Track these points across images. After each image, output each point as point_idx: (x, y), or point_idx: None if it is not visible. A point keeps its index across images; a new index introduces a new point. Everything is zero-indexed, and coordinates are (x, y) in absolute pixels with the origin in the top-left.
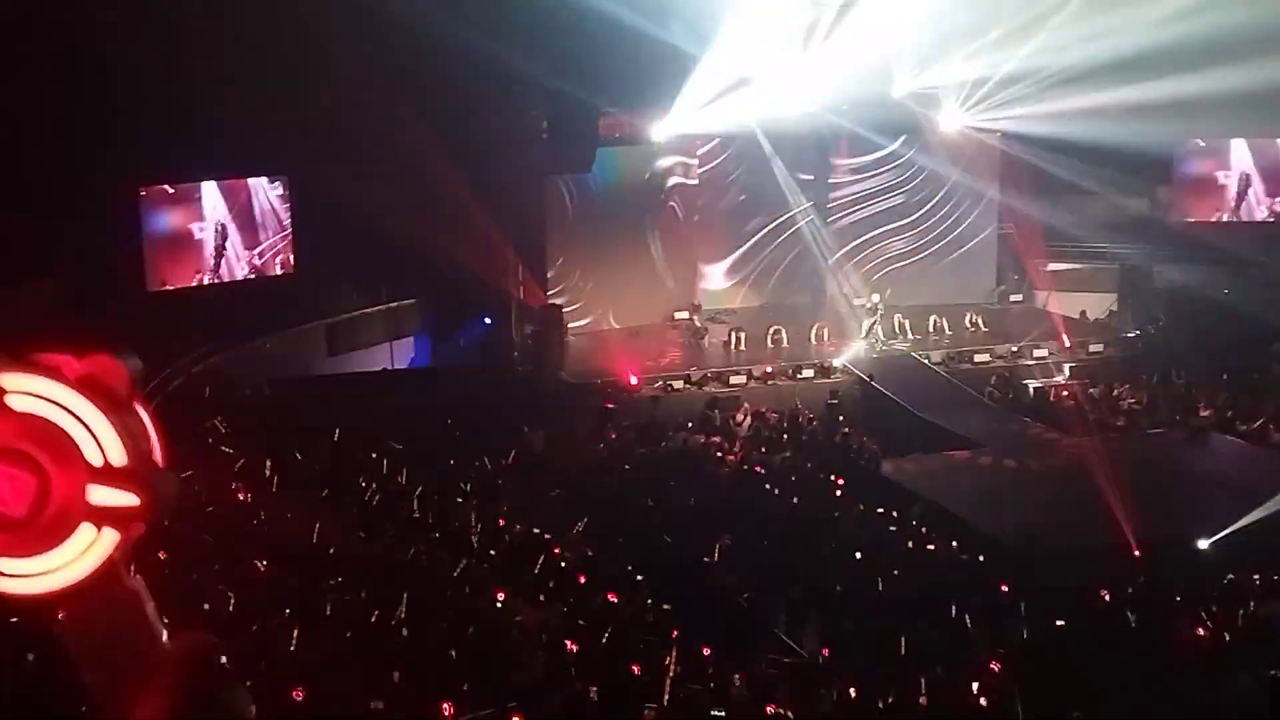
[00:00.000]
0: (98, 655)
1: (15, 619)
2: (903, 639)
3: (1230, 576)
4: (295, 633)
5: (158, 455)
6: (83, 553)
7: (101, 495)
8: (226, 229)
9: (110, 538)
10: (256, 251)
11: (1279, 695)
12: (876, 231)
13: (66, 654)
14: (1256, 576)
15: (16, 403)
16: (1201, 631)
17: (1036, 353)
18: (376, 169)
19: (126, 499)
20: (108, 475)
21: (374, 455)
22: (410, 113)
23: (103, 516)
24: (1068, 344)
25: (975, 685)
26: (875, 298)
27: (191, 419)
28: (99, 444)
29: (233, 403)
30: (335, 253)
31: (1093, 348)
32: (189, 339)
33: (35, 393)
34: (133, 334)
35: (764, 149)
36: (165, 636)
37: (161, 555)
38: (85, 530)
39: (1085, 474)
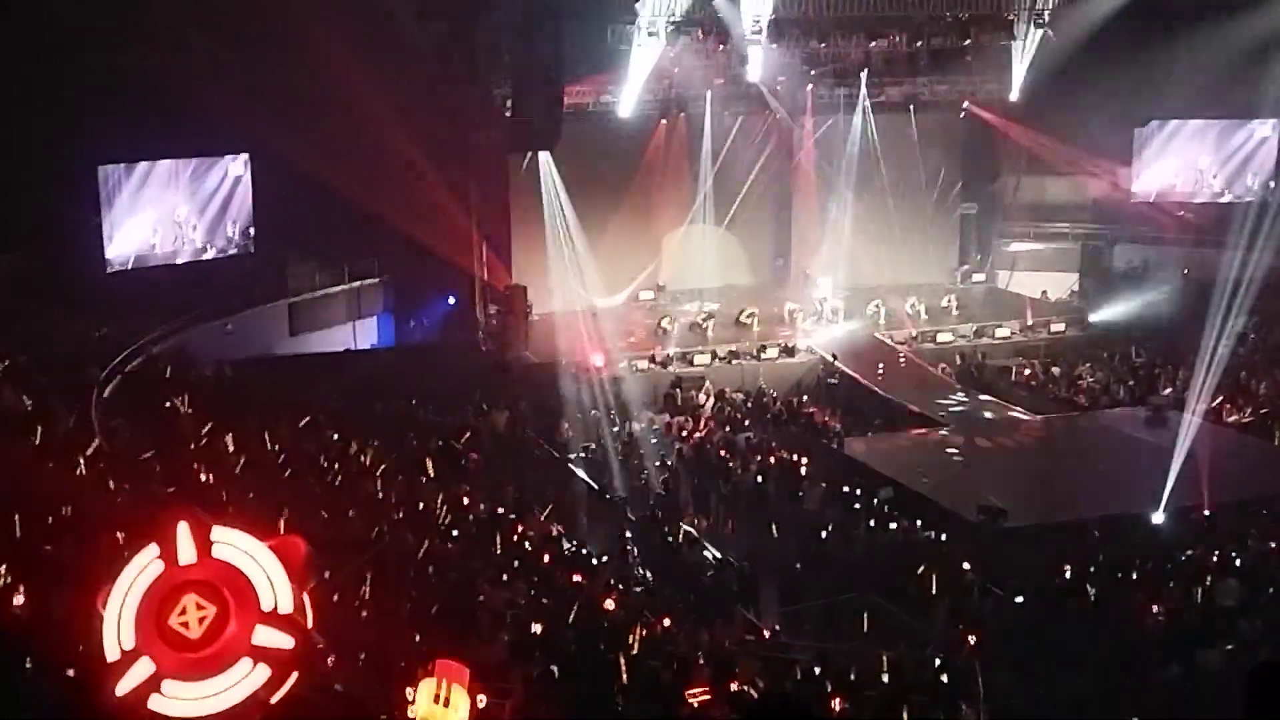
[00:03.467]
0: None
1: None
2: (865, 615)
3: (1189, 553)
4: None
5: (310, 622)
6: (237, 683)
7: (265, 636)
8: (187, 207)
9: (262, 673)
10: (217, 230)
11: (1257, 687)
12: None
13: None
14: (1216, 554)
15: (220, 551)
16: (1157, 608)
17: (999, 332)
18: (340, 148)
19: (284, 640)
20: (274, 619)
21: (336, 435)
22: (374, 91)
23: (262, 655)
24: (1029, 322)
25: (937, 661)
26: (816, 275)
27: (152, 398)
28: (274, 592)
29: (194, 382)
30: (297, 232)
31: (1055, 327)
32: (150, 318)
33: (236, 544)
34: (93, 312)
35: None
36: None
37: (120, 535)
38: (244, 664)
39: (1046, 452)
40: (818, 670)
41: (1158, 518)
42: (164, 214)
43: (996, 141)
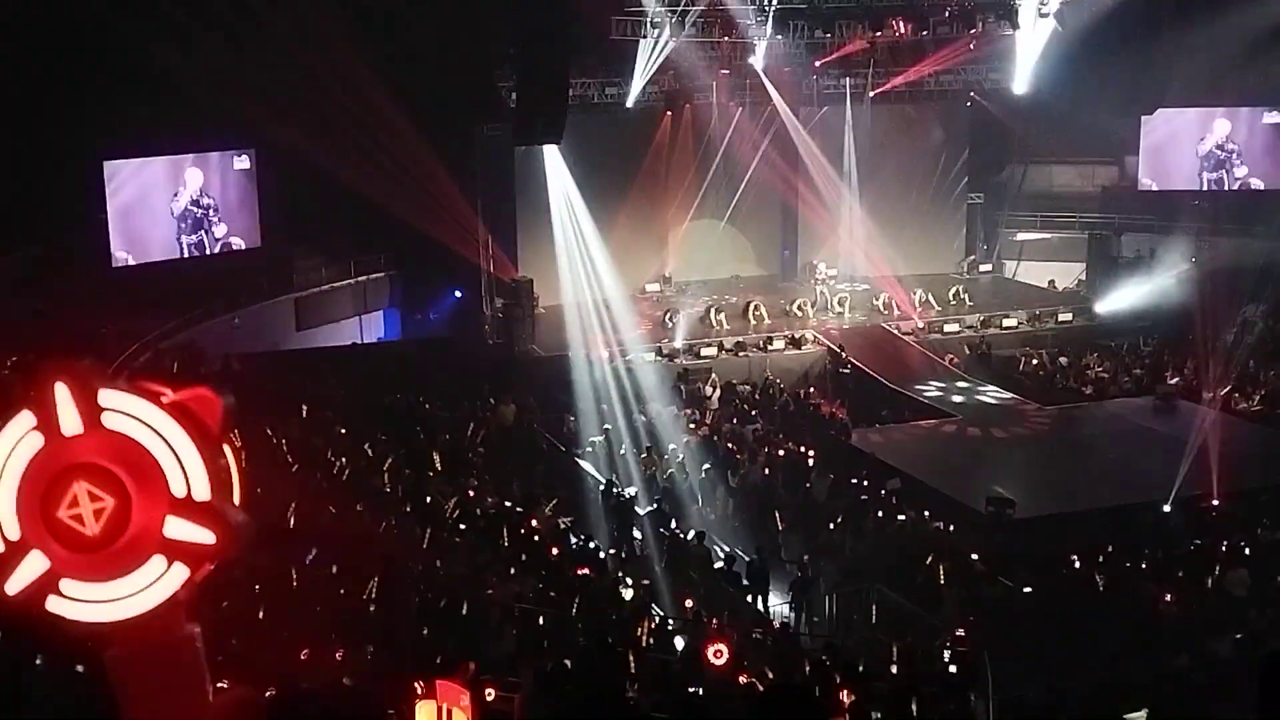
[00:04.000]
0: (144, 697)
1: (67, 646)
2: (873, 606)
3: (1198, 542)
4: (263, 608)
5: (237, 495)
6: (150, 585)
7: (178, 528)
8: (193, 202)
9: (179, 574)
10: (224, 225)
11: (1267, 676)
12: (846, 198)
13: (112, 689)
14: (1225, 543)
15: (112, 421)
16: (1167, 597)
17: (1006, 322)
18: (346, 143)
19: (203, 535)
20: (188, 508)
21: (343, 429)
22: (380, 86)
23: (176, 550)
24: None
25: (946, 652)
26: (822, 267)
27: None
28: (185, 475)
29: (200, 377)
30: (304, 227)
31: (1062, 316)
32: (156, 313)
33: (132, 413)
34: (98, 308)
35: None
36: (211, 691)
37: None
38: (156, 562)
39: (1054, 442)
40: (826, 661)
41: (1167, 507)
42: (170, 209)
43: (1002, 131)
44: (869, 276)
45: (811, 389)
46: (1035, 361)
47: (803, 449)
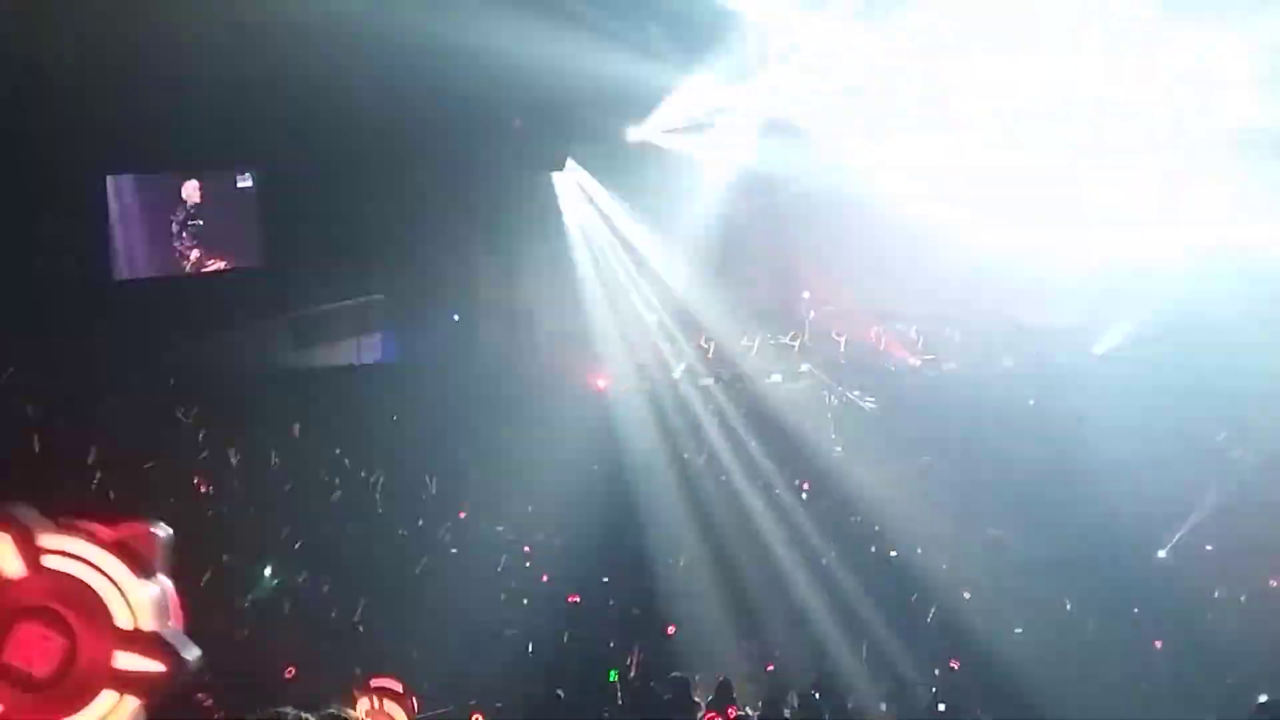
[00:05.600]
0: None
1: None
2: (864, 643)
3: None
4: (250, 628)
5: (178, 623)
6: (103, 718)
7: (128, 661)
8: (194, 221)
9: (130, 705)
10: (223, 244)
11: None
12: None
13: None
14: (1215, 593)
15: (52, 562)
16: (1158, 644)
17: (1005, 362)
18: (346, 163)
19: (152, 665)
20: (136, 640)
21: (338, 451)
22: (380, 104)
23: (127, 683)
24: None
25: (934, 690)
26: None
27: (156, 411)
28: (130, 607)
29: (197, 395)
30: (303, 247)
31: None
32: (155, 330)
33: (71, 552)
34: (98, 325)
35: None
36: None
37: None
38: (107, 696)
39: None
40: (816, 695)
41: (1161, 552)
42: (171, 226)
43: None
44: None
45: (808, 423)
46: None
47: (797, 481)
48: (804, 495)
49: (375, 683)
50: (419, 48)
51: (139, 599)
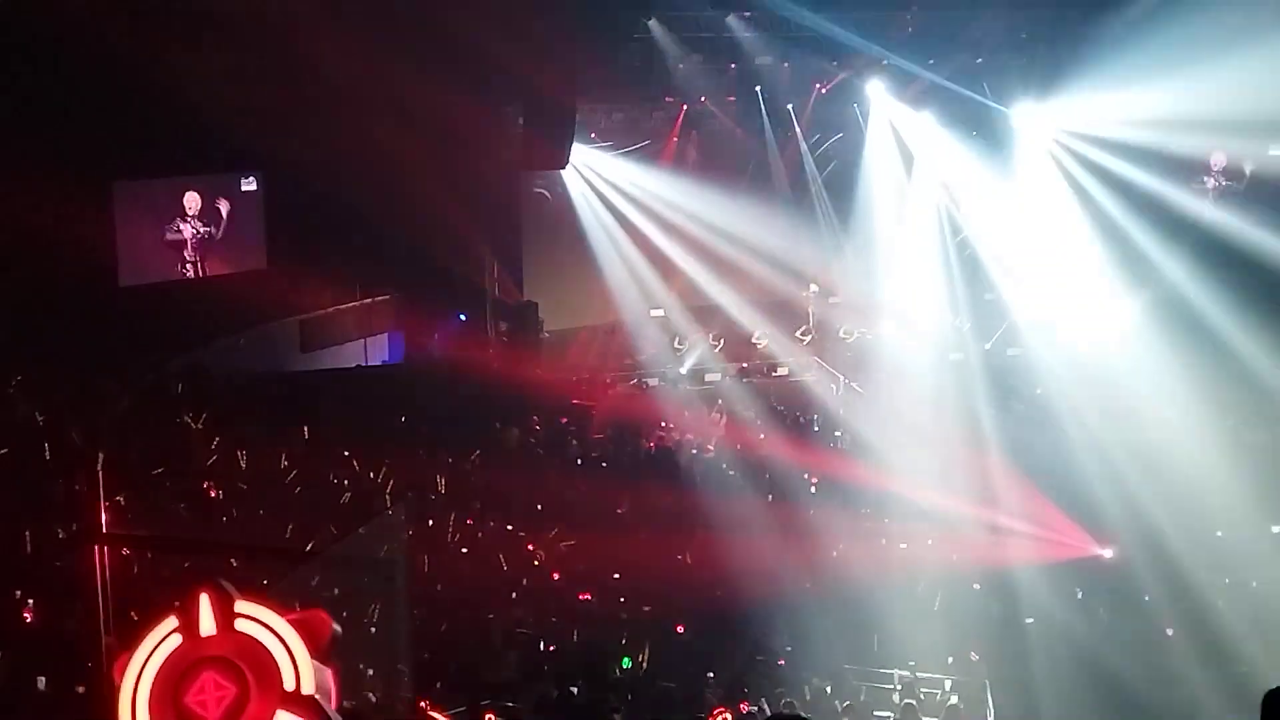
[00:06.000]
0: None
1: None
2: (875, 636)
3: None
4: None
5: (334, 704)
6: None
7: (285, 718)
8: (199, 224)
9: None
10: (229, 247)
11: (1273, 713)
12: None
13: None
14: (1226, 579)
15: (243, 625)
16: (1170, 632)
17: (1010, 351)
18: (350, 164)
19: None
20: (295, 702)
21: (346, 452)
22: (384, 106)
23: None
24: None
25: (948, 683)
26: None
27: (164, 414)
28: (297, 673)
29: (205, 399)
30: (309, 249)
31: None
32: (162, 335)
33: (259, 619)
34: (105, 330)
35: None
36: None
37: (124, 551)
38: None
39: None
40: (828, 690)
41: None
42: (177, 230)
43: None
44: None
45: (815, 415)
46: (1039, 390)
47: (806, 476)
48: (813, 488)
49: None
50: (421, 50)
51: (305, 664)
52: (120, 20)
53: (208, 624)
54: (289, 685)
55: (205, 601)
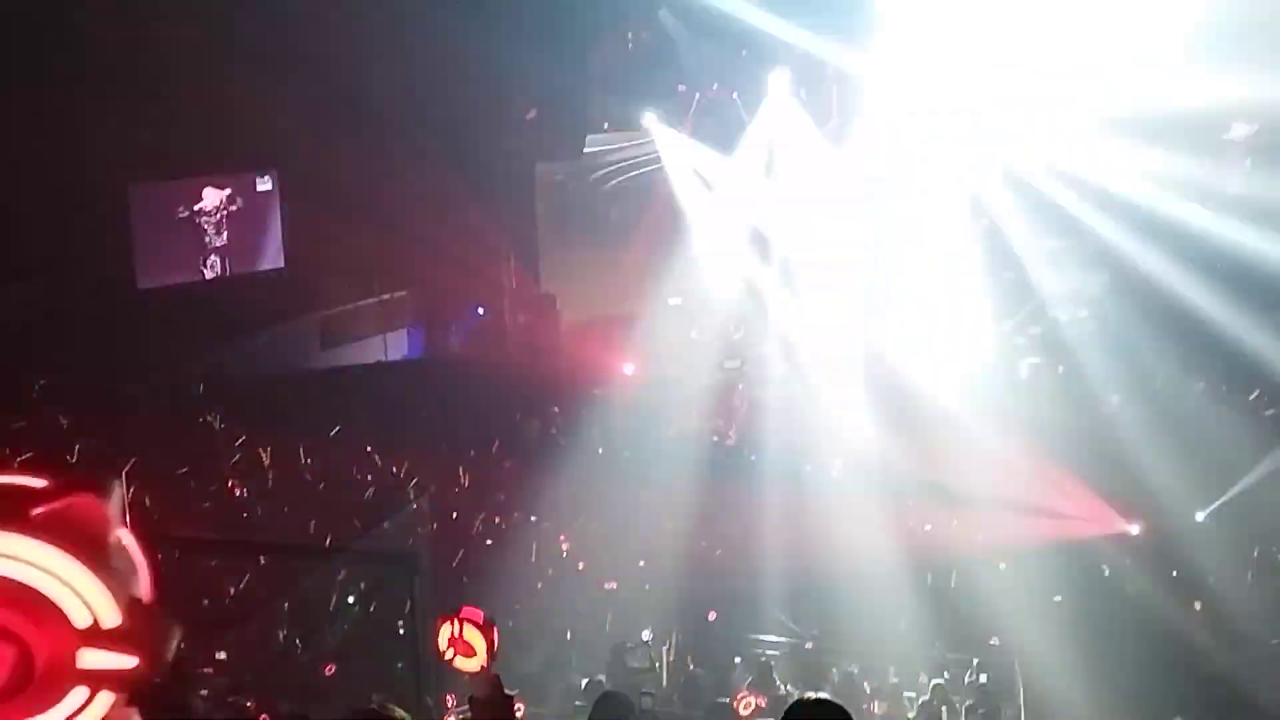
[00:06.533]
0: None
1: None
2: (902, 619)
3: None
4: (286, 627)
5: (147, 594)
6: (75, 714)
7: (94, 659)
8: (217, 225)
9: (105, 699)
10: (247, 247)
11: None
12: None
13: None
14: (1255, 551)
15: None
16: (1197, 605)
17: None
18: (366, 160)
19: (123, 660)
20: (99, 637)
21: (369, 448)
22: (399, 100)
23: (97, 679)
24: None
25: (975, 661)
26: None
27: (186, 414)
28: (86, 604)
29: (227, 398)
30: (326, 246)
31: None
32: (182, 335)
33: (14, 555)
34: (125, 331)
35: None
36: None
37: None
38: (77, 693)
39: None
40: (855, 671)
41: (1199, 515)
42: (194, 232)
43: None
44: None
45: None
46: (1062, 369)
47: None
48: (836, 472)
49: (463, 613)
50: (433, 42)
51: (94, 594)
52: (134, 19)
53: None
54: (82, 622)
55: None
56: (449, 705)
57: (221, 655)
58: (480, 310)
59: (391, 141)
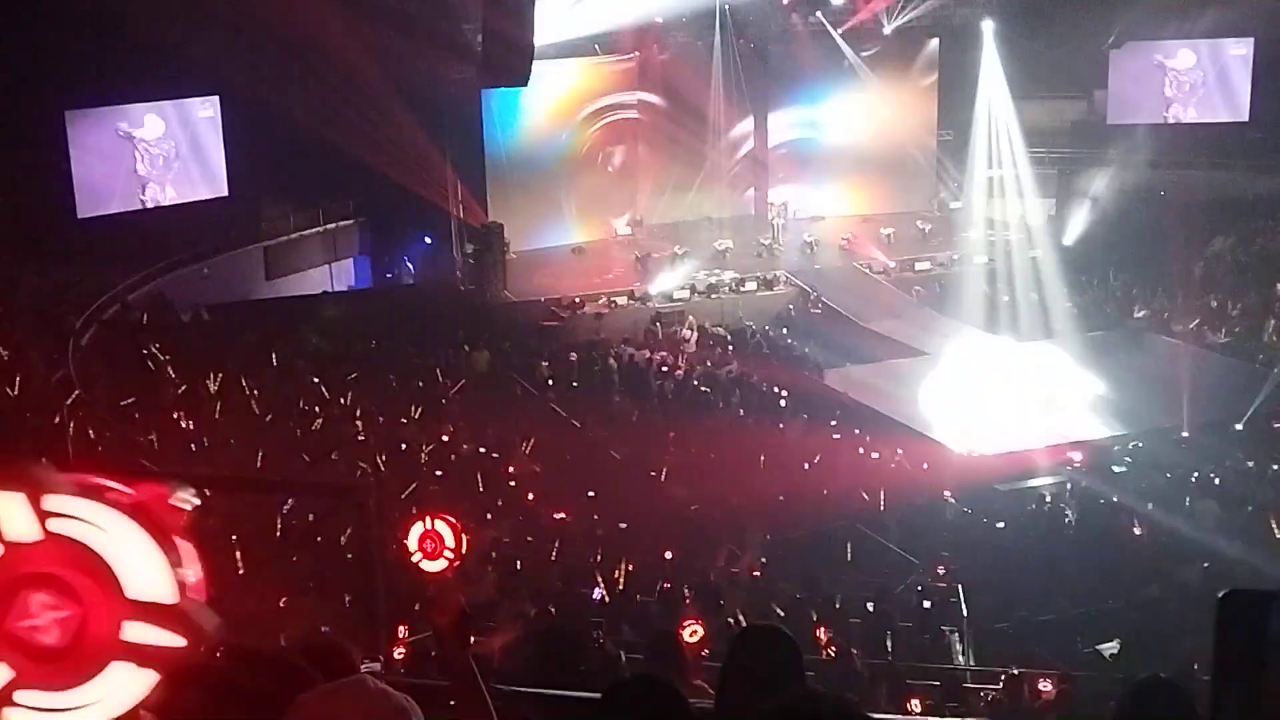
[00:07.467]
0: None
1: None
2: (848, 545)
3: (1167, 475)
4: (241, 558)
5: (201, 591)
6: (112, 693)
7: (139, 633)
8: (157, 152)
9: (145, 679)
10: (189, 175)
11: (1227, 614)
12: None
13: None
14: (1194, 475)
15: (58, 526)
16: (1138, 531)
17: (976, 259)
18: (311, 87)
19: (168, 638)
20: (148, 612)
21: (316, 379)
22: (344, 26)
23: (138, 655)
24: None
25: (919, 587)
26: (787, 206)
27: (129, 345)
28: (143, 575)
29: (171, 328)
30: (271, 174)
31: (1031, 252)
32: (124, 265)
33: (79, 516)
34: (65, 262)
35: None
36: None
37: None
38: (116, 669)
39: (1025, 378)
40: (800, 597)
41: (1137, 440)
42: (134, 158)
43: (971, 67)
44: (837, 215)
45: (784, 330)
46: (1006, 298)
47: (776, 390)
48: (783, 403)
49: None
50: None
51: (153, 565)
52: None
53: (24, 528)
54: (134, 593)
55: (16, 501)
56: (400, 635)
57: None
58: (428, 239)
59: (336, 69)
